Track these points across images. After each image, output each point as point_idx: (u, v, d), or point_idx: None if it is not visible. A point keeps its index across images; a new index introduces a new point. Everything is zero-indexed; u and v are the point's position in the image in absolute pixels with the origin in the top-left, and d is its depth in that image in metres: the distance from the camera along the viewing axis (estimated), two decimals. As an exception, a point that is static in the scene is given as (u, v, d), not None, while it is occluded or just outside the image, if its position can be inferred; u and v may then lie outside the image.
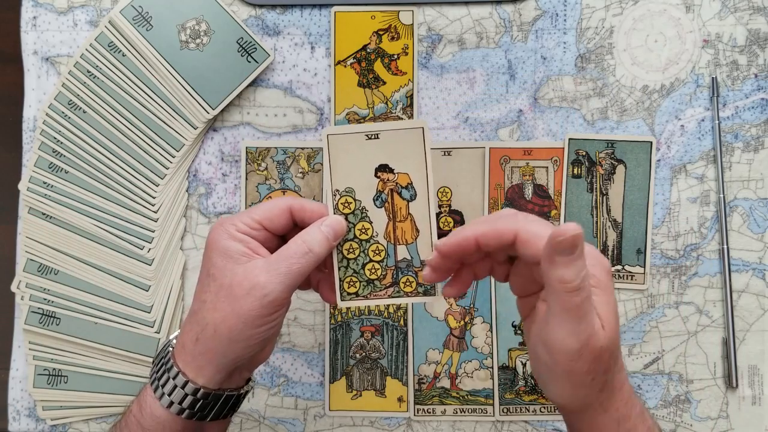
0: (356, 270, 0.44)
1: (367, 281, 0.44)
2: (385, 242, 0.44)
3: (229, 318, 0.39)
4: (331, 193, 0.43)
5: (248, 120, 0.57)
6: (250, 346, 0.40)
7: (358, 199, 0.44)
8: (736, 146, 0.56)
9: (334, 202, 0.43)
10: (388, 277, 0.44)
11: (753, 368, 0.55)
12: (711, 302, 0.56)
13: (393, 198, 0.44)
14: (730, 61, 0.56)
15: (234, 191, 0.57)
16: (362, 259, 0.44)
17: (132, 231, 0.56)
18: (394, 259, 0.44)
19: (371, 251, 0.44)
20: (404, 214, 0.44)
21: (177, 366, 0.40)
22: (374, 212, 0.44)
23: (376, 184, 0.44)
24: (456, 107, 0.57)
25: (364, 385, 0.56)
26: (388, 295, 0.45)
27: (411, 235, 0.44)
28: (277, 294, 0.39)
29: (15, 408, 0.57)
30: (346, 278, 0.44)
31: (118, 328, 0.56)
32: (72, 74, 0.56)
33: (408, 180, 0.44)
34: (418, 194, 0.44)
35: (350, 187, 0.44)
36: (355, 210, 0.44)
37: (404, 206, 0.44)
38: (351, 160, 0.44)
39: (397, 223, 0.44)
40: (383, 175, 0.44)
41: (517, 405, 0.55)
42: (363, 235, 0.44)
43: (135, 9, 0.55)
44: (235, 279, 0.39)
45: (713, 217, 0.56)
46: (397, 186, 0.44)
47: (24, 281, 0.56)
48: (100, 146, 0.56)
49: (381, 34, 0.57)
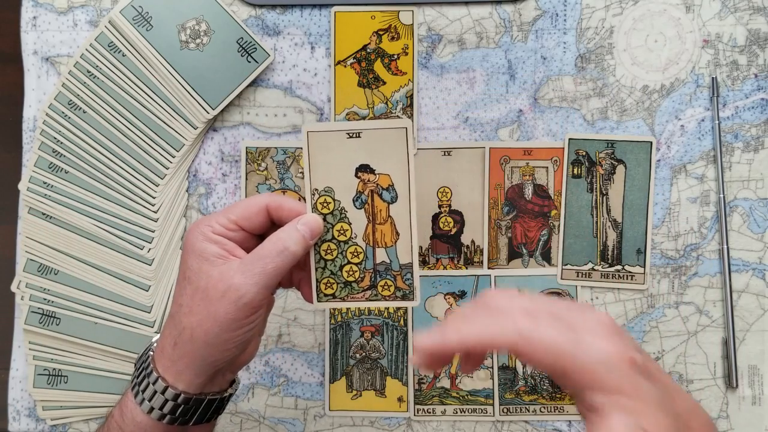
0: (333, 271, 0.43)
1: (345, 283, 0.43)
2: (363, 244, 0.43)
3: (204, 322, 0.38)
4: (309, 192, 0.43)
5: (248, 120, 0.57)
6: (228, 349, 0.39)
7: (338, 199, 0.43)
8: (736, 146, 0.56)
9: (312, 202, 0.42)
10: (366, 279, 0.43)
11: (753, 368, 0.55)
12: (711, 302, 0.56)
13: (373, 199, 0.43)
14: (730, 61, 0.56)
15: (234, 191, 0.57)
16: (340, 260, 0.43)
17: (132, 231, 0.56)
18: (373, 262, 0.43)
19: (349, 253, 0.43)
20: (384, 216, 0.43)
21: (156, 371, 0.40)
22: (354, 213, 0.43)
23: (356, 184, 0.42)
24: (456, 107, 0.57)
25: (364, 385, 0.56)
26: (365, 298, 0.44)
27: (391, 238, 0.43)
28: (252, 295, 0.38)
29: (15, 408, 0.57)
30: (323, 279, 0.43)
31: (118, 328, 0.56)
32: (72, 74, 0.56)
33: (389, 182, 0.42)
34: (399, 196, 0.42)
35: (329, 187, 0.43)
36: (334, 210, 0.43)
37: (384, 208, 0.43)
38: (331, 159, 0.42)
39: (377, 225, 0.43)
40: (364, 175, 0.42)
41: (517, 405, 0.55)
42: (341, 236, 0.43)
43: (135, 9, 0.55)
44: (210, 282, 0.38)
45: (713, 217, 0.56)
46: (377, 187, 0.43)
47: (24, 281, 0.56)
48: (100, 146, 0.56)
49: (381, 34, 0.57)
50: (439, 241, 0.56)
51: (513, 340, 0.31)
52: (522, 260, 0.56)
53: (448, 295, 0.56)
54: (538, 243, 0.56)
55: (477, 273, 0.56)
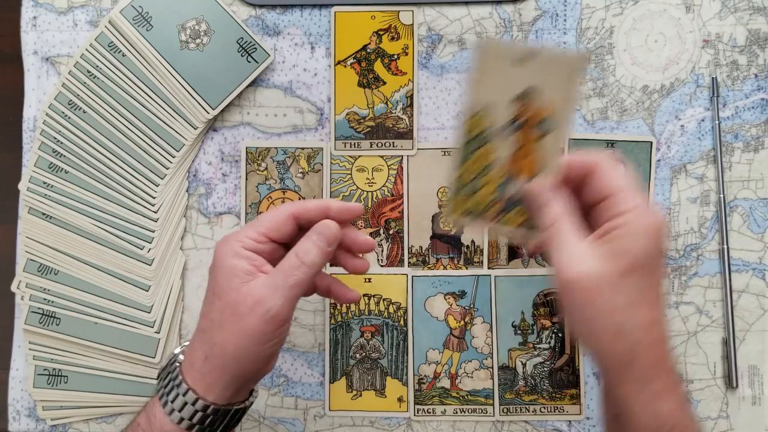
0: (471, 191, 0.43)
1: (479, 203, 0.43)
2: (505, 170, 0.42)
3: (235, 337, 0.40)
4: (464, 109, 0.42)
5: (248, 120, 0.57)
6: (257, 362, 0.41)
7: (490, 121, 0.42)
8: (736, 146, 0.56)
9: (465, 118, 0.42)
10: (501, 203, 0.43)
11: (753, 368, 0.55)
12: (711, 302, 0.56)
13: (526, 128, 0.42)
14: (730, 61, 0.56)
15: (234, 191, 0.57)
16: (479, 182, 0.43)
17: (132, 231, 0.56)
18: (511, 189, 0.42)
19: (491, 175, 0.42)
20: (532, 146, 0.42)
21: (186, 383, 0.41)
22: (503, 138, 0.42)
23: (513, 110, 0.41)
24: (456, 107, 0.57)
25: (364, 385, 0.56)
26: (496, 221, 0.43)
27: (533, 169, 0.42)
28: (278, 308, 0.40)
29: (15, 408, 0.57)
30: (460, 196, 0.43)
31: (118, 328, 0.56)
32: (72, 74, 0.56)
33: (546, 113, 0.41)
34: (552, 130, 0.41)
35: (486, 108, 0.42)
36: (484, 132, 0.42)
37: (535, 139, 0.41)
38: (495, 81, 0.41)
39: (523, 154, 0.42)
40: (523, 102, 0.41)
41: (517, 405, 0.55)
42: (486, 159, 0.42)
43: (135, 9, 0.55)
44: (239, 297, 0.40)
45: (713, 217, 0.56)
46: (533, 117, 0.41)
47: (24, 281, 0.56)
48: (100, 146, 0.56)
49: (381, 34, 0.57)
50: (439, 241, 0.56)
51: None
52: (522, 260, 0.56)
53: (448, 295, 0.56)
54: (538, 243, 0.56)
55: (477, 273, 0.56)
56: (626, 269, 0.37)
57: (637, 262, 0.37)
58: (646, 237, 0.37)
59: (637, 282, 0.37)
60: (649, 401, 0.37)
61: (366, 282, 0.56)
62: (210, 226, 0.57)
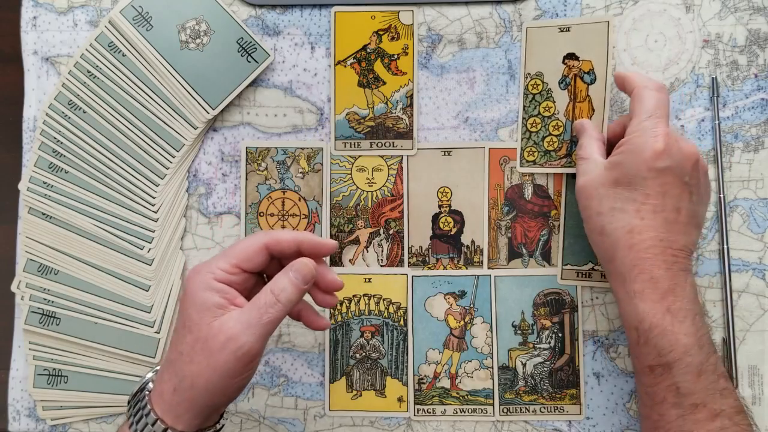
0: (537, 141, 0.53)
1: (545, 152, 0.53)
2: (564, 119, 0.53)
3: (205, 371, 0.40)
4: (522, 76, 0.54)
5: (248, 120, 0.57)
6: (225, 395, 0.41)
7: (546, 81, 0.53)
8: (736, 146, 0.56)
9: (525, 83, 0.54)
10: (563, 149, 0.53)
11: (753, 368, 0.55)
12: (711, 302, 0.56)
13: (576, 82, 0.53)
14: (730, 61, 0.56)
15: (234, 191, 0.57)
16: (543, 132, 0.53)
17: (132, 231, 0.56)
18: (571, 135, 0.53)
19: (551, 126, 0.53)
20: (584, 95, 0.52)
21: (155, 413, 0.41)
22: (558, 93, 0.53)
23: (563, 69, 0.53)
24: (456, 107, 0.57)
25: (364, 385, 0.56)
26: (561, 165, 0.53)
27: (587, 113, 0.52)
28: (250, 345, 0.40)
29: (15, 408, 0.57)
30: (527, 148, 0.54)
31: (118, 328, 0.56)
32: (72, 74, 0.56)
33: (590, 66, 0.52)
34: (597, 79, 0.52)
35: (540, 72, 0.53)
36: (542, 90, 0.53)
37: (584, 89, 0.52)
38: (544, 48, 0.53)
39: (577, 103, 0.52)
40: (569, 62, 0.53)
41: (517, 405, 0.55)
42: (546, 112, 0.53)
43: (135, 9, 0.55)
44: (210, 332, 0.40)
45: (713, 217, 0.56)
46: (580, 71, 0.53)
47: (24, 281, 0.56)
48: (100, 146, 0.56)
49: (381, 34, 0.57)
50: (439, 241, 0.56)
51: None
52: (522, 260, 0.56)
53: (448, 295, 0.56)
54: (538, 243, 0.56)
55: (477, 273, 0.56)
56: (615, 179, 0.46)
57: (625, 176, 0.45)
58: (637, 154, 0.45)
59: (622, 192, 0.45)
60: (629, 297, 0.45)
61: (366, 282, 0.56)
62: (210, 226, 0.57)
